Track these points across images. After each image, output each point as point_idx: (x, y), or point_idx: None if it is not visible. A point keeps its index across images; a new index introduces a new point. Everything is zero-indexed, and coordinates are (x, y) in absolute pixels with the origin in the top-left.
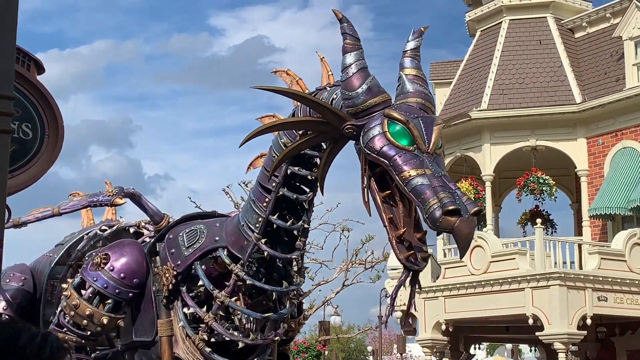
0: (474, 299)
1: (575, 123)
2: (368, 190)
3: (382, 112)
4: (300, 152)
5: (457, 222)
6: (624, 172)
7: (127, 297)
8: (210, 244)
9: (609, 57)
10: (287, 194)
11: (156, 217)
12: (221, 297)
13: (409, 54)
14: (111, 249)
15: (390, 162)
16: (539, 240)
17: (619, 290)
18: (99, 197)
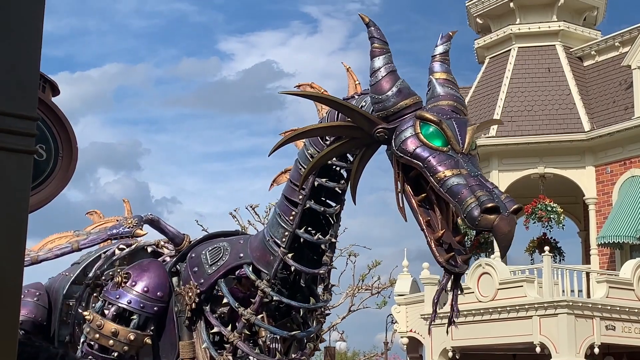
0: (481, 326)
1: (584, 151)
2: (402, 194)
3: (414, 114)
4: (328, 163)
5: (497, 220)
6: (632, 200)
7: (153, 312)
8: (234, 261)
9: (617, 85)
10: (314, 206)
11: (177, 240)
12: (247, 315)
13: (438, 58)
14: (132, 267)
15: (424, 164)
16: (546, 268)
17: (627, 319)
18: (119, 230)
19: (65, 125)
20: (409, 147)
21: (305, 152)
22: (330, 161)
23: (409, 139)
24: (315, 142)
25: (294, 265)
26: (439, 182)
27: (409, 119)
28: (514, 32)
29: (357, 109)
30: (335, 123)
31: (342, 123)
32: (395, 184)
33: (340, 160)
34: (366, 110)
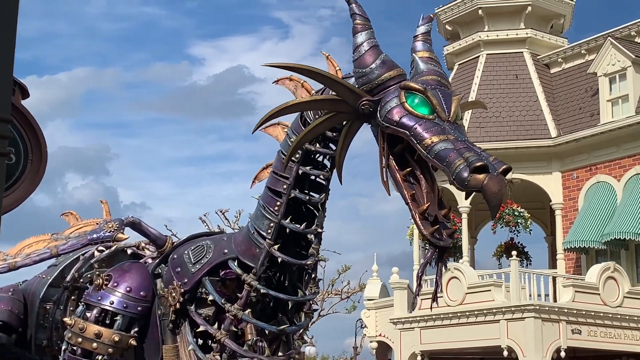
0: (449, 330)
1: (551, 157)
2: (387, 169)
3: (399, 85)
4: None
5: (486, 180)
6: (598, 206)
7: (137, 312)
8: (218, 257)
9: (584, 92)
10: (299, 196)
11: (159, 242)
12: (234, 311)
13: (421, 37)
14: (113, 269)
15: (411, 132)
16: (514, 273)
17: (593, 323)
18: (100, 234)
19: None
20: (395, 117)
21: (287, 141)
22: (314, 148)
23: (394, 108)
24: (297, 129)
25: (281, 257)
26: (426, 148)
27: (393, 90)
28: (482, 39)
29: (342, 81)
30: (320, 97)
31: (326, 97)
32: (380, 159)
33: (324, 147)
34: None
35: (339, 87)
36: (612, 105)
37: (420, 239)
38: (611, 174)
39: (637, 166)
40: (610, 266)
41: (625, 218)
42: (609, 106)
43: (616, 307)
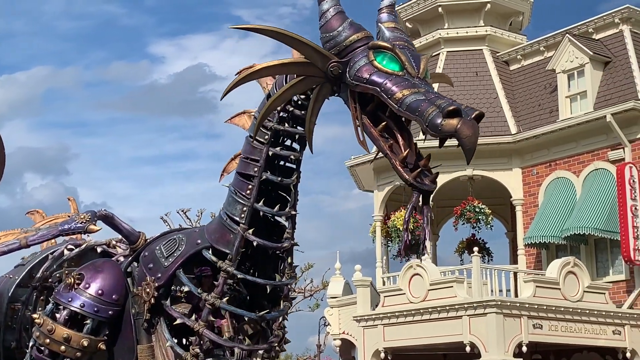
0: (412, 327)
1: (511, 153)
2: (362, 128)
3: (366, 46)
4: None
5: (460, 124)
6: (557, 201)
7: (107, 316)
8: (192, 249)
9: (542, 89)
10: (270, 177)
11: (132, 237)
12: (211, 299)
13: (386, 10)
14: (85, 268)
15: (381, 88)
16: (475, 269)
17: (554, 317)
18: (71, 225)
19: None
20: (364, 75)
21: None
22: (283, 127)
23: (363, 67)
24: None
25: (256, 240)
26: (397, 102)
27: (361, 51)
28: (442, 36)
29: (310, 42)
30: (288, 60)
31: (295, 60)
32: (354, 119)
33: (293, 126)
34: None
35: (307, 49)
36: (570, 102)
37: (382, 236)
38: (570, 169)
39: (595, 162)
40: (570, 261)
41: (584, 213)
42: (568, 102)
43: (576, 301)
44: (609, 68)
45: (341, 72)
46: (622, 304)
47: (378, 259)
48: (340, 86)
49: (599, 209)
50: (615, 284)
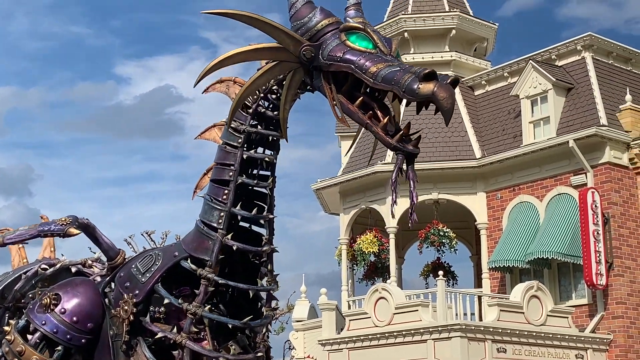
0: (377, 351)
1: (475, 177)
2: (340, 106)
3: (337, 29)
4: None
5: (436, 87)
6: (521, 226)
7: (80, 344)
8: (169, 261)
9: (506, 114)
10: (246, 181)
11: (111, 252)
12: (192, 309)
13: (353, 7)
14: (62, 288)
15: (355, 64)
16: (440, 292)
17: (518, 341)
18: (50, 226)
19: None
20: (337, 54)
21: (227, 130)
22: (256, 130)
23: (336, 47)
24: (237, 115)
25: (235, 244)
26: (372, 76)
27: (332, 34)
28: (408, 61)
29: (282, 27)
30: (261, 45)
31: (267, 45)
32: (330, 100)
33: (267, 128)
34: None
35: (279, 34)
36: (534, 127)
37: (348, 260)
38: (534, 194)
39: (558, 186)
40: (534, 285)
41: (548, 238)
42: (531, 128)
43: (540, 325)
44: (572, 94)
45: (314, 55)
46: (584, 328)
47: (343, 282)
48: (313, 74)
49: (562, 233)
50: (578, 308)
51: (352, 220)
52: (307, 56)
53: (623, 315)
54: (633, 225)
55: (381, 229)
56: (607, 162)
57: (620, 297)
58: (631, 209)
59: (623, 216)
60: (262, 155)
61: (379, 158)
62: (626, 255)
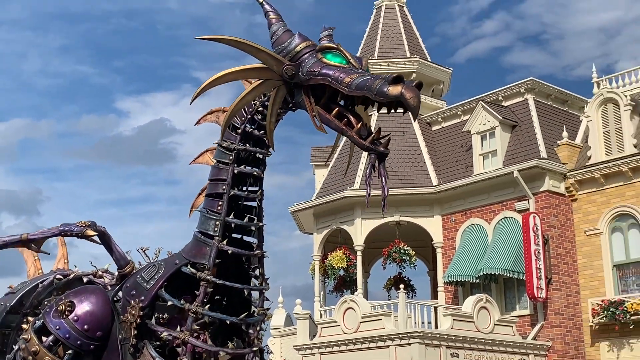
0: (346, 355)
1: (432, 202)
2: (318, 116)
3: (314, 50)
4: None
5: (403, 88)
6: (472, 245)
7: (88, 349)
8: (171, 269)
9: (460, 147)
10: (238, 193)
11: (121, 261)
12: (193, 308)
13: (326, 38)
14: (76, 296)
15: (331, 77)
16: (401, 303)
17: (469, 347)
18: (70, 227)
19: None
20: (316, 69)
21: (219, 148)
22: (245, 147)
23: (314, 64)
24: (228, 135)
25: (230, 249)
26: (347, 85)
27: (310, 54)
28: None
29: (265, 49)
30: (248, 66)
31: (254, 66)
32: (310, 111)
33: (254, 146)
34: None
35: (263, 55)
36: (483, 159)
37: (320, 274)
38: (483, 217)
39: (504, 211)
40: (483, 297)
41: (495, 256)
42: (481, 160)
43: (488, 333)
44: (516, 131)
45: (294, 73)
46: (527, 336)
47: (316, 293)
48: (294, 91)
49: (507, 252)
50: (521, 317)
51: (324, 239)
52: (289, 74)
53: (560, 324)
54: (569, 245)
55: (350, 247)
56: (547, 190)
57: (558, 309)
58: (567, 231)
59: (560, 238)
60: (251, 170)
61: (348, 185)
62: (563, 271)
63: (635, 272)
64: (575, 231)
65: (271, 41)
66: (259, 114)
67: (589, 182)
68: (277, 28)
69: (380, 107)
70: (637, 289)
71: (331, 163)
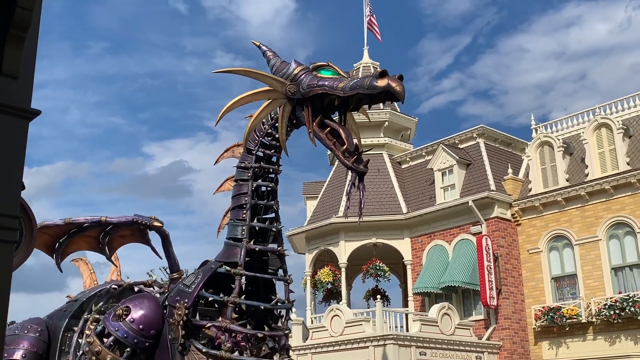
0: (333, 355)
1: (402, 227)
2: (314, 133)
3: (308, 70)
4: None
5: (389, 80)
6: (435, 262)
7: (144, 347)
8: (208, 272)
9: (424, 182)
10: (259, 202)
11: (174, 267)
12: (231, 299)
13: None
14: (131, 302)
15: (327, 86)
16: (378, 311)
17: (434, 347)
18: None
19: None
20: (313, 82)
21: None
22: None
23: (311, 79)
24: (244, 158)
25: (258, 247)
26: (342, 90)
27: (306, 74)
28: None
29: (271, 75)
30: (258, 90)
31: (262, 89)
32: (308, 127)
33: (268, 162)
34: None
35: (269, 79)
36: (444, 191)
37: (311, 287)
38: (444, 239)
39: (462, 234)
40: (446, 305)
41: (455, 271)
42: (442, 192)
43: (450, 335)
44: (470, 168)
45: (296, 90)
46: (482, 337)
47: (308, 303)
48: (296, 108)
49: (465, 268)
50: (477, 322)
51: (314, 258)
52: (291, 91)
53: (509, 327)
54: (515, 262)
55: (335, 264)
56: (496, 216)
57: (507, 314)
58: (513, 250)
59: (508, 255)
60: (266, 184)
61: (334, 213)
62: (510, 283)
63: (570, 283)
64: (520, 250)
65: (272, 72)
66: (268, 136)
67: (530, 209)
68: (275, 61)
69: (372, 103)
70: (571, 297)
71: (319, 196)
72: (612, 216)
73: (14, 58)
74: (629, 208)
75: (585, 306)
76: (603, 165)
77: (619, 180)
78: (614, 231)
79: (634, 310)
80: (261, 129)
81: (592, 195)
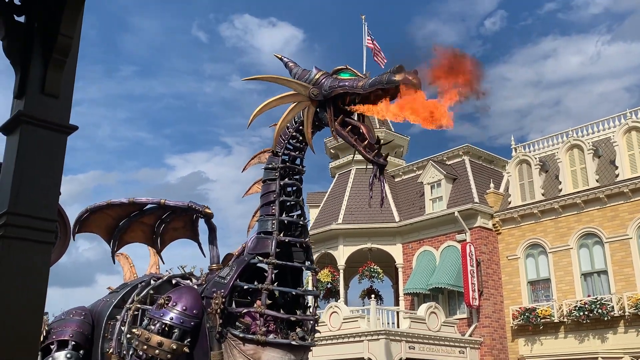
0: (332, 347)
1: (395, 234)
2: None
3: (329, 74)
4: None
5: (406, 73)
6: (424, 266)
7: (190, 326)
8: (242, 264)
9: (415, 194)
10: (286, 199)
11: (215, 259)
12: (265, 286)
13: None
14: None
15: (347, 86)
16: (373, 309)
17: (422, 342)
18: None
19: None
20: (334, 83)
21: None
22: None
23: (333, 81)
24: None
25: (287, 238)
26: (362, 88)
27: (326, 77)
28: (353, 159)
29: (295, 80)
30: (284, 94)
31: (288, 93)
32: (330, 125)
33: (293, 162)
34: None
35: (294, 84)
36: (432, 203)
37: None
38: (432, 245)
39: (448, 241)
40: (433, 305)
41: (441, 274)
42: (431, 203)
43: (436, 331)
44: (456, 183)
45: (319, 92)
46: (465, 333)
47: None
48: (319, 109)
49: (450, 271)
50: (461, 320)
51: (315, 261)
52: (314, 94)
53: (489, 325)
54: (495, 267)
55: (334, 266)
56: (479, 226)
57: (487, 313)
58: (494, 256)
59: (489, 261)
60: (292, 182)
61: (333, 220)
62: (491, 286)
63: (544, 286)
64: (500, 256)
65: (295, 79)
66: (293, 139)
67: (510, 220)
68: (297, 69)
69: (393, 98)
70: (545, 299)
71: (321, 204)
72: (583, 227)
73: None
74: (598, 220)
75: (557, 307)
76: (575, 182)
77: (589, 195)
78: (584, 241)
79: (601, 312)
80: (286, 133)
81: (564, 209)
